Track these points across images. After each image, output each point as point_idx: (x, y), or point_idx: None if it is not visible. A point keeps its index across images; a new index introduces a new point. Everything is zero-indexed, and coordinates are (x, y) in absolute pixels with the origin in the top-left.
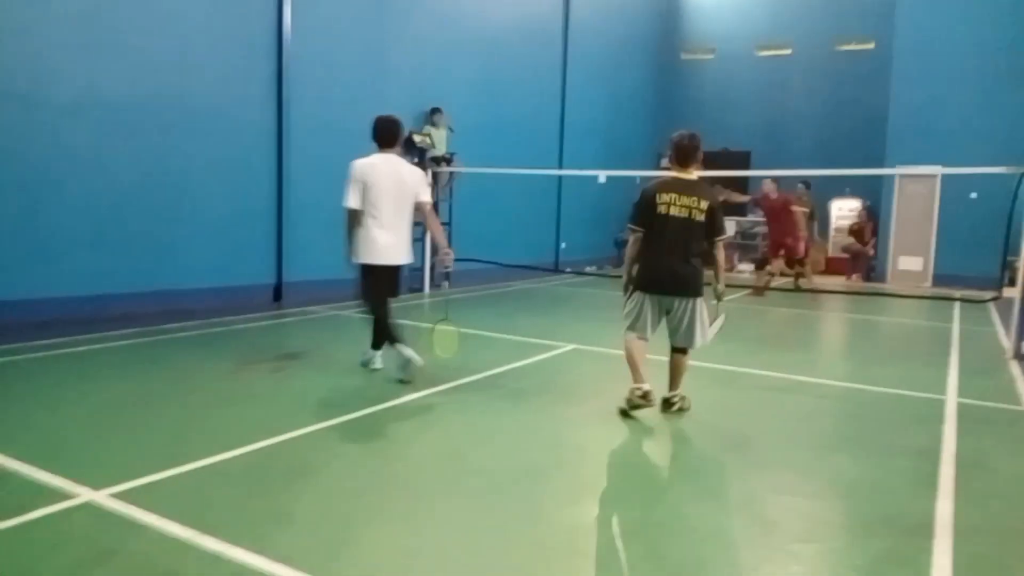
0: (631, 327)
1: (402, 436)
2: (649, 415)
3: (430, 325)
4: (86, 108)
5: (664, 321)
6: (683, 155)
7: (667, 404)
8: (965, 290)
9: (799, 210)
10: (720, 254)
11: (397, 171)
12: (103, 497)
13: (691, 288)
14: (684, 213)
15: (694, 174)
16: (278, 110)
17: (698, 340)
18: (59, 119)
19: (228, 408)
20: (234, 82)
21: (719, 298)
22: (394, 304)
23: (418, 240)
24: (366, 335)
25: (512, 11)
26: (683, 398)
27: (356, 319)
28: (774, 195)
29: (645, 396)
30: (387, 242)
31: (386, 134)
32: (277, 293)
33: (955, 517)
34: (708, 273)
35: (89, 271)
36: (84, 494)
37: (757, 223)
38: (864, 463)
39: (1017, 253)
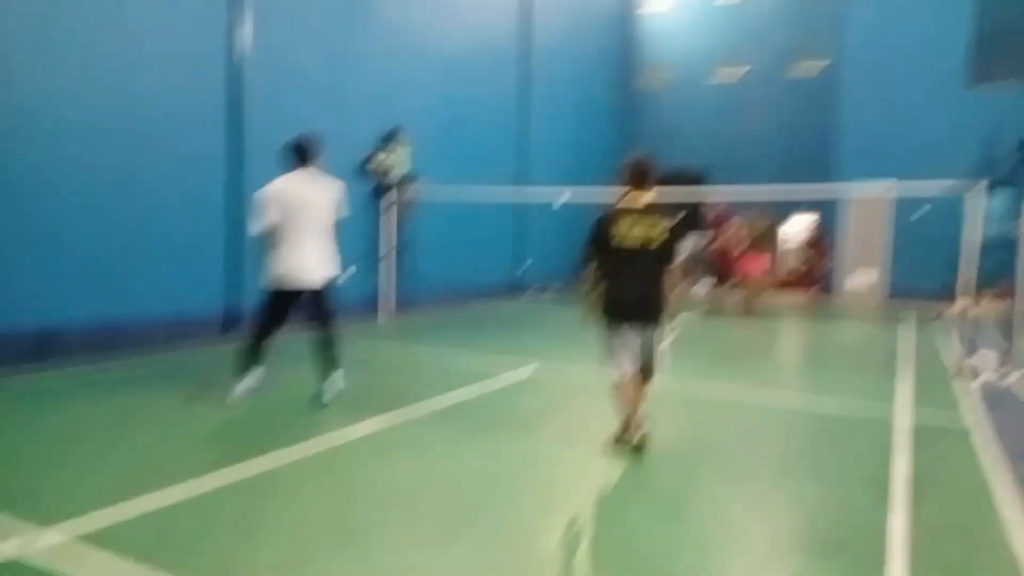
0: (610, 361)
1: (358, 470)
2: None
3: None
4: (27, 132)
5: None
6: (637, 177)
7: (627, 437)
8: (917, 303)
9: (752, 230)
10: (677, 276)
11: (314, 188)
12: (48, 535)
13: (654, 314)
14: (642, 239)
15: (649, 196)
16: (233, 135)
17: (660, 365)
18: (8, 138)
19: (175, 445)
20: (185, 107)
21: (672, 321)
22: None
23: (377, 264)
24: (321, 365)
25: (473, 34)
26: (644, 435)
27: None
28: (728, 214)
29: (633, 433)
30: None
31: (303, 152)
32: (229, 321)
33: (910, 535)
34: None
35: (36, 302)
36: (28, 532)
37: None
38: (821, 481)
39: (966, 264)
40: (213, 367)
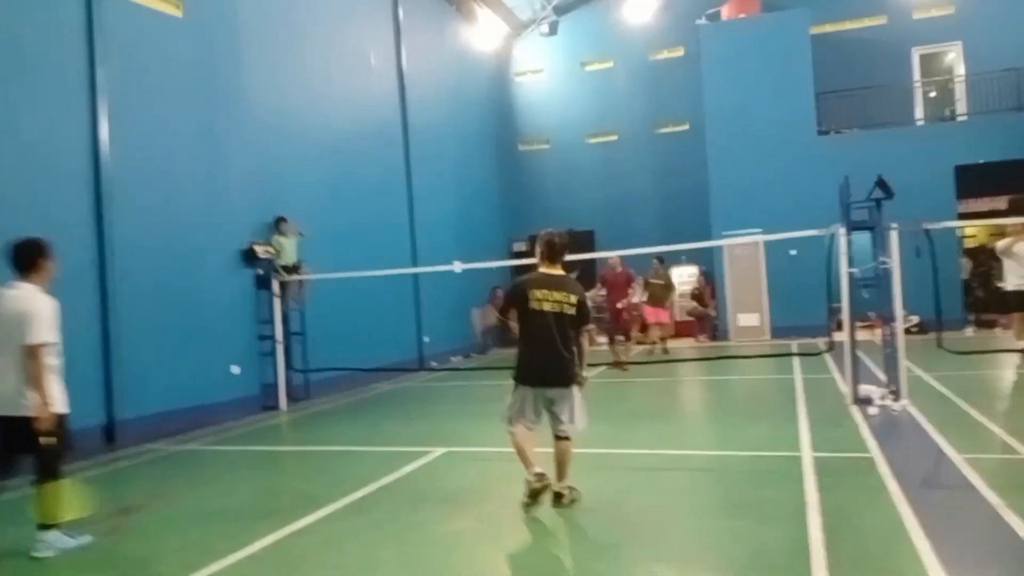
0: (514, 419)
1: None
2: (533, 515)
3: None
4: None
5: (545, 412)
6: (553, 252)
7: (558, 497)
8: (801, 339)
9: (654, 283)
10: (586, 342)
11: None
12: None
13: (567, 377)
14: (556, 308)
15: (560, 270)
16: (98, 234)
17: (579, 423)
18: None
19: None
20: (45, 207)
21: (580, 383)
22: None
23: (268, 355)
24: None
25: (352, 116)
26: (572, 489)
27: (205, 453)
28: (618, 269)
29: (540, 477)
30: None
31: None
32: (109, 433)
33: None
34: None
35: None
36: None
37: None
38: (740, 538)
39: (838, 300)
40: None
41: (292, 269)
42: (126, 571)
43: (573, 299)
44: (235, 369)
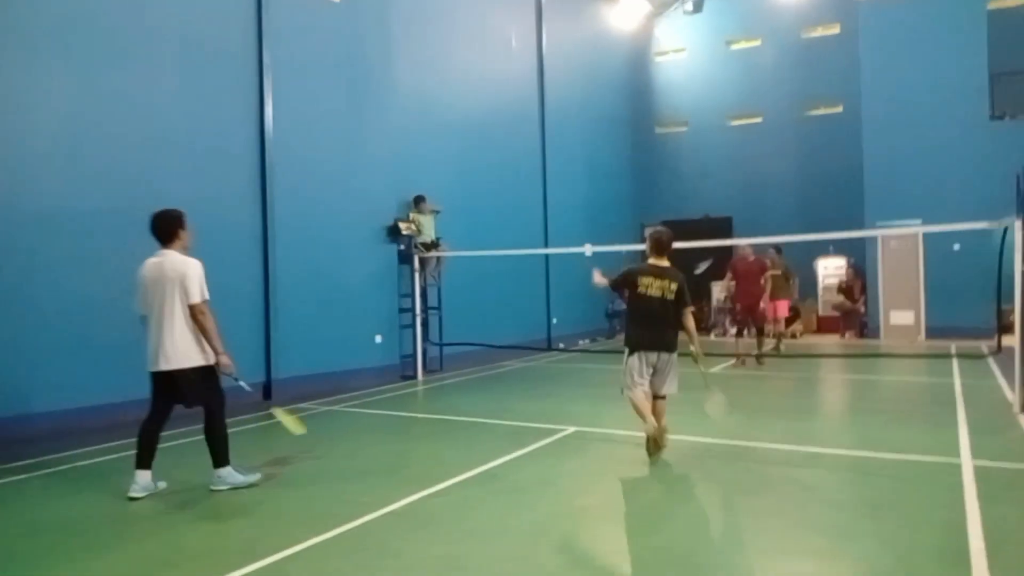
0: (631, 383)
1: (401, 546)
2: (667, 499)
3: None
4: (63, 221)
5: (649, 374)
6: (659, 247)
7: (660, 442)
8: (960, 341)
9: (772, 274)
10: (690, 322)
11: (159, 268)
12: None
13: (669, 346)
14: (659, 293)
15: (665, 262)
16: (262, 205)
17: (668, 388)
18: (35, 232)
19: (211, 525)
20: (218, 188)
21: (697, 359)
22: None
23: (407, 327)
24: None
25: (490, 97)
26: (665, 438)
27: (351, 414)
28: (750, 258)
29: (653, 427)
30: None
31: (154, 230)
32: (267, 391)
33: None
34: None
35: (67, 384)
36: None
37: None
38: (889, 541)
39: (1010, 302)
40: (254, 440)
41: (430, 246)
42: (281, 517)
43: (673, 287)
44: (378, 339)
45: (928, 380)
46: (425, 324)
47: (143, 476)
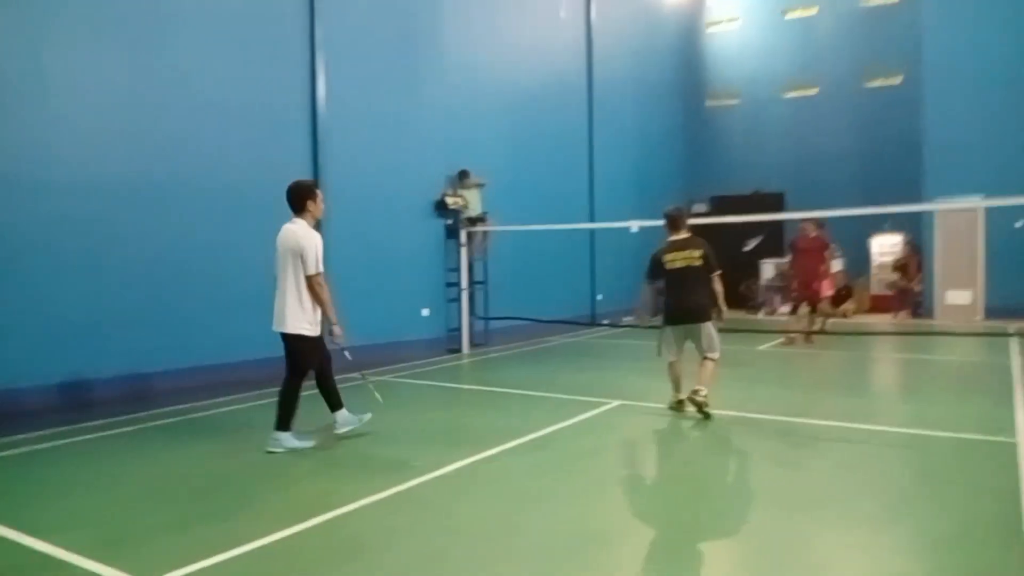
0: (667, 352)
1: (456, 506)
2: (716, 469)
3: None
4: (127, 192)
5: (689, 342)
6: (674, 222)
7: (694, 393)
8: (1020, 322)
9: (829, 255)
10: (718, 285)
11: (284, 236)
12: None
13: (704, 314)
14: (683, 263)
15: (684, 233)
16: (314, 177)
17: (716, 351)
18: (101, 204)
19: (276, 483)
20: (271, 157)
21: (720, 319)
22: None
23: (453, 301)
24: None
25: (537, 70)
26: (706, 394)
27: (401, 384)
28: (812, 234)
29: (679, 403)
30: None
31: (288, 199)
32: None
33: None
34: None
35: (132, 351)
36: None
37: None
38: (943, 513)
39: None
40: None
41: (477, 220)
42: (338, 478)
43: (697, 253)
44: (425, 312)
45: (984, 360)
46: (471, 298)
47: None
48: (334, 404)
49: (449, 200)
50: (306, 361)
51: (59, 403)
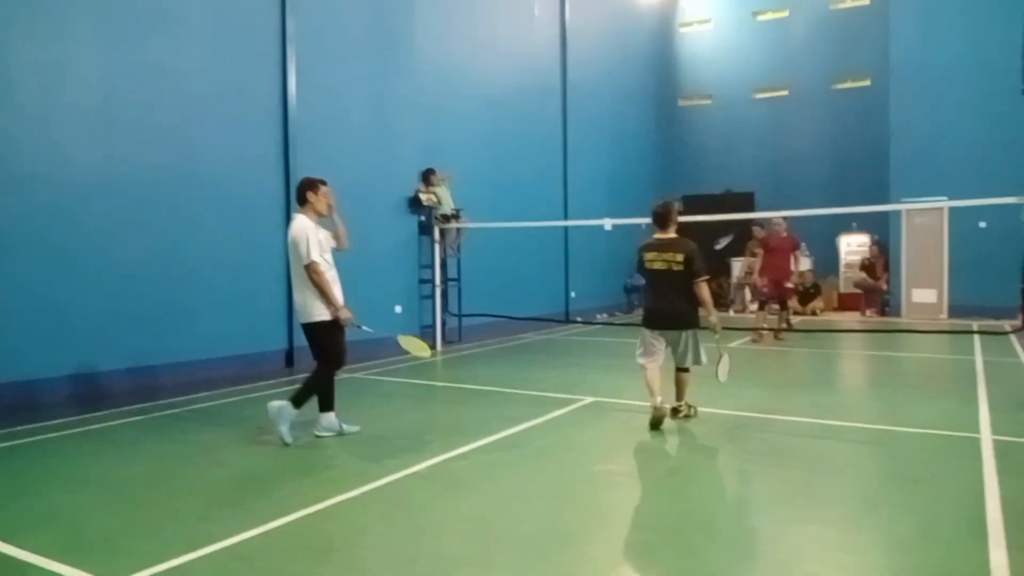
0: (643, 355)
1: (427, 505)
2: (687, 466)
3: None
4: (100, 186)
5: (669, 349)
6: (660, 220)
7: (675, 412)
8: (982, 320)
9: (797, 254)
10: (703, 292)
11: (289, 232)
12: None
13: (682, 322)
14: (663, 266)
15: (672, 233)
16: (285, 174)
17: (690, 362)
18: (74, 197)
19: (245, 483)
20: (243, 153)
21: (715, 330)
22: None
23: (427, 298)
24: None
25: (512, 69)
26: (689, 406)
27: (373, 382)
28: (783, 233)
29: (657, 408)
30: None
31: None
32: (289, 358)
33: (1011, 568)
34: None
35: (104, 347)
36: None
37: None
38: (909, 511)
39: None
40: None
41: (450, 217)
42: (307, 476)
43: (680, 257)
44: (398, 309)
45: (949, 357)
46: (445, 295)
47: (326, 418)
48: (323, 403)
49: (422, 197)
50: (331, 344)
51: (23, 401)
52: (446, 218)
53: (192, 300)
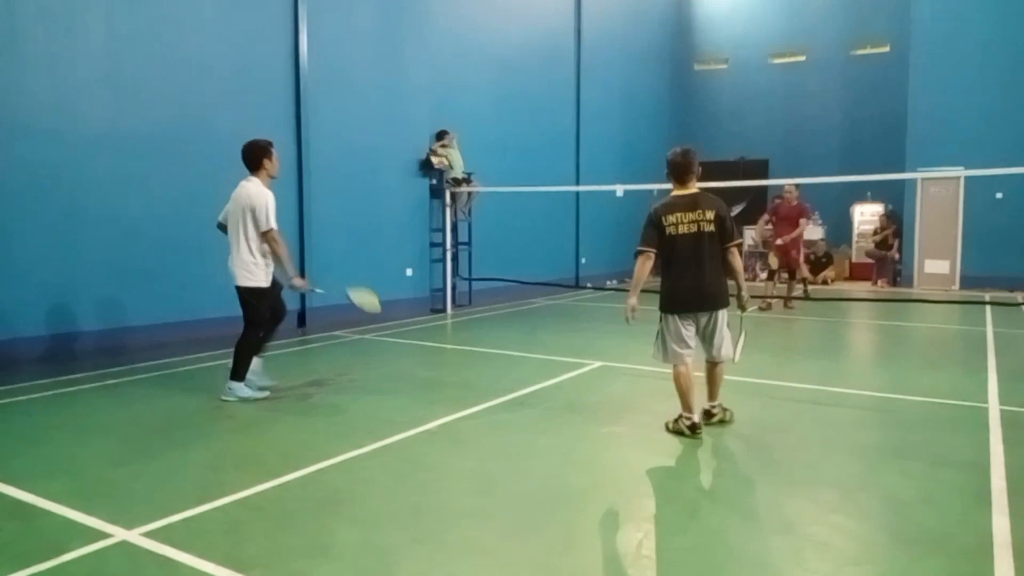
0: (671, 355)
1: (434, 461)
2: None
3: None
4: (109, 141)
5: (697, 338)
6: (680, 172)
7: (707, 415)
8: (994, 292)
9: (803, 221)
10: (737, 261)
11: (239, 194)
12: (136, 536)
13: (718, 302)
14: (693, 228)
15: (694, 188)
16: (296, 135)
17: (729, 351)
18: (82, 153)
19: (257, 438)
20: (253, 112)
21: (743, 308)
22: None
23: (437, 261)
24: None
25: (525, 29)
26: (725, 410)
27: (384, 343)
28: (794, 202)
29: (693, 428)
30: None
31: (243, 158)
32: (301, 319)
33: (1013, 535)
34: (731, 284)
35: (113, 303)
36: (118, 534)
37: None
38: (912, 477)
39: None
40: (290, 363)
41: (462, 181)
42: (319, 432)
43: (710, 215)
44: (409, 272)
45: (960, 328)
46: (455, 259)
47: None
48: (237, 371)
49: (434, 160)
50: (255, 312)
51: (36, 355)
52: (457, 182)
53: (200, 259)
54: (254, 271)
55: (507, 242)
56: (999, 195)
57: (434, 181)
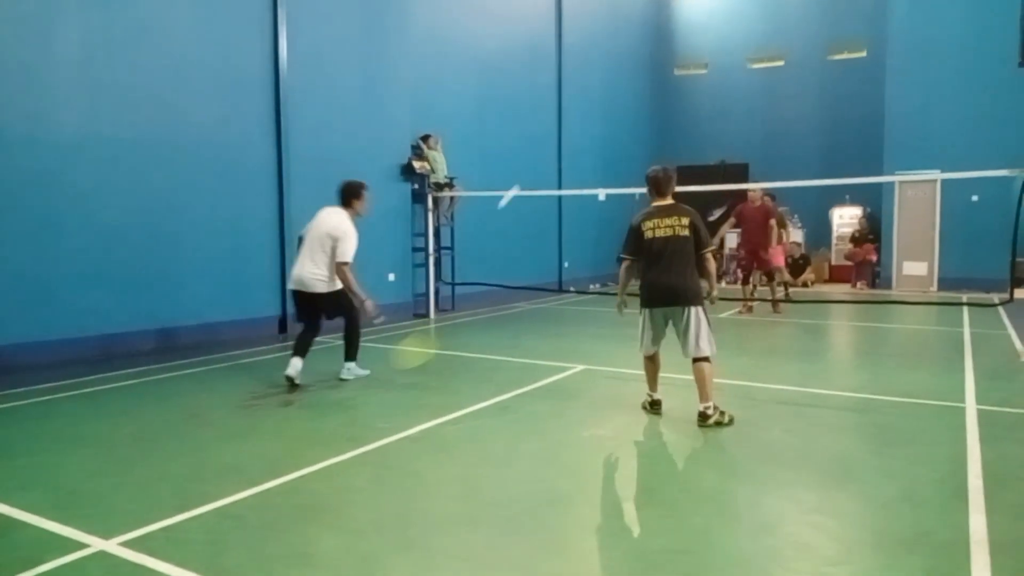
0: (649, 345)
1: (417, 467)
2: (673, 432)
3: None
4: (85, 148)
5: (673, 333)
6: (660, 185)
7: (703, 417)
8: (971, 293)
9: (773, 223)
10: (711, 264)
11: (326, 217)
12: (114, 546)
13: (688, 297)
14: (668, 232)
15: (671, 199)
16: (277, 141)
17: (706, 348)
18: (58, 160)
19: (238, 446)
20: (232, 116)
21: (712, 301)
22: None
23: (420, 266)
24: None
25: (506, 34)
26: (721, 412)
27: (366, 348)
28: (756, 203)
29: (653, 404)
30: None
31: (339, 192)
32: (282, 325)
33: (990, 532)
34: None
35: (91, 311)
36: (95, 544)
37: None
38: (890, 477)
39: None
40: (270, 369)
41: (444, 185)
42: (300, 439)
43: (684, 221)
44: (391, 276)
45: (937, 329)
46: (438, 263)
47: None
48: (300, 351)
49: (416, 164)
50: (346, 306)
51: (12, 364)
52: (439, 186)
53: (180, 266)
54: (328, 280)
55: (490, 247)
56: (975, 198)
57: (416, 186)
